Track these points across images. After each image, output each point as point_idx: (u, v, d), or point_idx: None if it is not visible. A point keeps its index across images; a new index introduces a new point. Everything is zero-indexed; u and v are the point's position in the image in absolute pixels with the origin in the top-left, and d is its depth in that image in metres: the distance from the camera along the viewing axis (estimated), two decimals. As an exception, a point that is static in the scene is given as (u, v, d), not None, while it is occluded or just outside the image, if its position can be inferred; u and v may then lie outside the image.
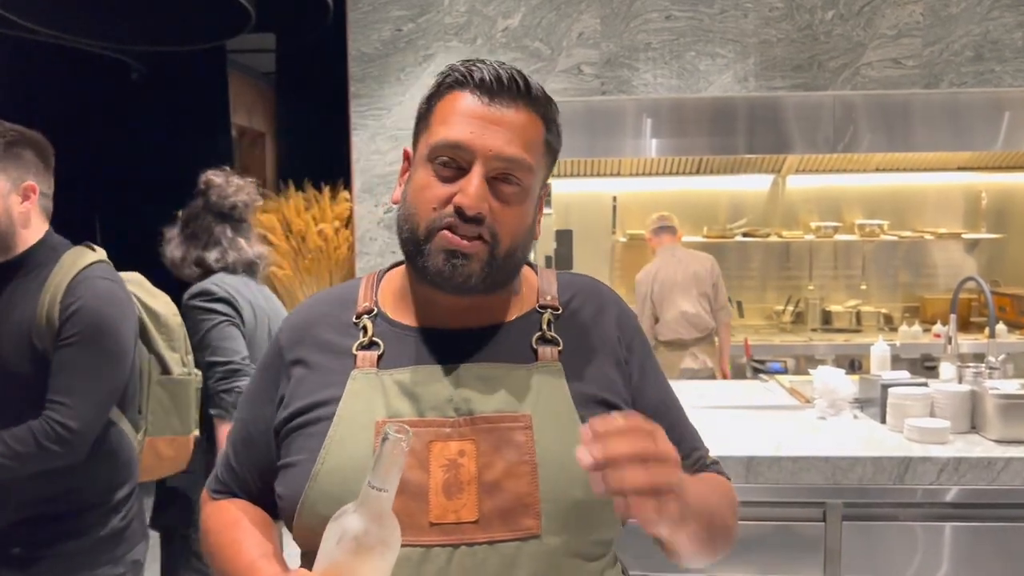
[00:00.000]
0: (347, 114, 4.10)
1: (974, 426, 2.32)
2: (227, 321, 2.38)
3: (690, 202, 4.91)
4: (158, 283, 2.16)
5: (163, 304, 2.08)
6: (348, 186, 4.25)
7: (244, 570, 0.97)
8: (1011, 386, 2.30)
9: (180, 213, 2.54)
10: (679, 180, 4.89)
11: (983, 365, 2.41)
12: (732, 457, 2.11)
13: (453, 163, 0.98)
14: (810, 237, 4.78)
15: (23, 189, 1.71)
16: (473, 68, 0.99)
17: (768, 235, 4.80)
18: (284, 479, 1.01)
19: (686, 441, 1.11)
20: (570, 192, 4.97)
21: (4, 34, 4.20)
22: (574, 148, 3.99)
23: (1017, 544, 2.14)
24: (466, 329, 1.04)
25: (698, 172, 4.82)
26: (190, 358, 2.16)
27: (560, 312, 1.08)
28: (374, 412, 0.98)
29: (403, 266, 1.11)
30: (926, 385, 2.42)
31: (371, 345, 1.03)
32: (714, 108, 4.07)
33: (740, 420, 2.51)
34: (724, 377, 4.22)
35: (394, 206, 4.08)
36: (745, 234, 4.82)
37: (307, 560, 0.97)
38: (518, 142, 0.98)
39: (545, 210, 4.24)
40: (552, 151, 1.07)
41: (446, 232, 0.97)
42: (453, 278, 0.98)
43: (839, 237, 4.75)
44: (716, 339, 4.31)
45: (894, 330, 4.54)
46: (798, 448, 2.19)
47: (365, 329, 1.05)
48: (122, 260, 1.91)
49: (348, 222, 4.30)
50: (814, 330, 4.78)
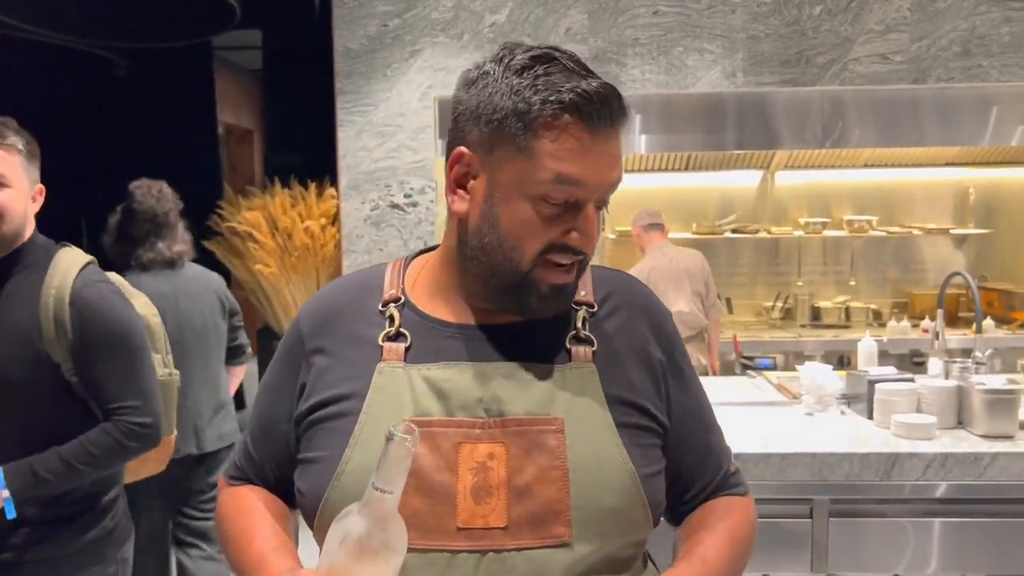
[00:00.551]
0: (333, 110, 4.08)
1: (960, 422, 2.31)
2: None
3: (679, 198, 4.90)
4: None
5: (143, 305, 2.07)
6: (334, 183, 4.22)
7: (255, 562, 0.96)
8: (997, 381, 2.30)
9: (115, 211, 2.97)
10: (668, 176, 4.87)
11: (970, 360, 2.40)
12: (719, 454, 2.10)
13: (563, 200, 0.93)
14: (799, 233, 4.78)
15: (38, 191, 1.76)
16: (583, 92, 0.90)
17: (757, 231, 4.79)
18: (305, 475, 0.98)
19: (712, 458, 1.08)
20: (559, 189, 4.94)
21: (-14, 30, 4.16)
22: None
23: (1004, 539, 2.14)
24: (498, 325, 1.00)
25: (687, 168, 4.81)
26: (170, 358, 2.15)
27: (595, 310, 1.04)
28: (401, 410, 0.94)
29: (431, 255, 1.07)
30: (912, 381, 2.42)
31: (398, 336, 0.99)
32: (703, 104, 4.06)
33: (728, 416, 2.48)
34: (713, 373, 4.22)
35: (381, 204, 3.95)
36: (734, 230, 4.82)
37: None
38: (619, 162, 0.95)
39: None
40: None
41: (552, 269, 0.95)
42: (555, 308, 0.98)
43: (828, 233, 4.76)
44: (706, 336, 4.31)
45: (883, 326, 4.55)
46: (785, 445, 2.18)
47: (392, 319, 1.00)
48: (107, 260, 1.90)
49: (335, 219, 4.28)
50: (803, 326, 4.77)
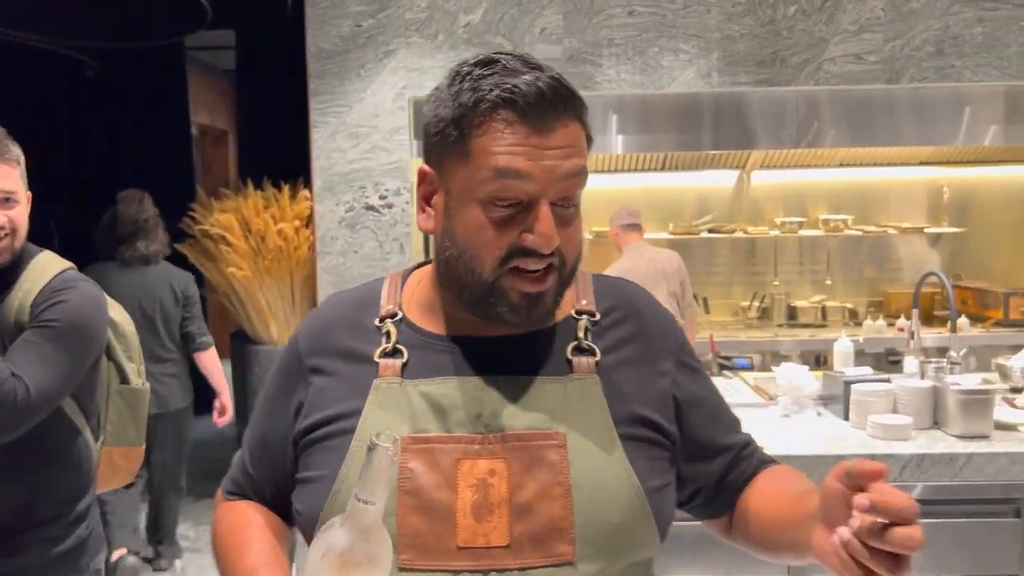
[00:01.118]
0: (307, 111, 4.03)
1: (936, 422, 2.31)
2: None
3: (656, 199, 4.90)
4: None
5: (119, 313, 2.04)
6: (308, 185, 4.17)
7: None
8: (972, 381, 2.30)
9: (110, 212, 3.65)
10: (644, 177, 4.87)
11: (945, 360, 2.40)
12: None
13: (513, 201, 0.89)
14: (775, 233, 4.79)
15: (27, 198, 1.74)
16: (512, 87, 0.86)
17: (733, 231, 4.80)
18: (302, 494, 0.97)
19: (742, 441, 1.11)
20: (536, 189, 4.92)
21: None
22: (538, 145, 3.95)
23: (980, 539, 2.14)
24: (496, 337, 0.97)
25: (663, 168, 4.81)
26: (143, 368, 2.12)
27: (597, 319, 1.00)
28: (398, 427, 0.91)
29: (426, 268, 1.04)
30: (888, 381, 2.42)
31: (395, 352, 0.97)
32: (678, 104, 4.05)
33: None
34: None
35: (356, 205, 3.93)
36: (711, 230, 4.82)
37: None
38: (575, 153, 0.90)
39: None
40: (589, 145, 0.97)
41: (519, 276, 0.90)
42: (531, 318, 0.93)
43: (804, 232, 4.77)
44: (682, 336, 4.30)
45: (859, 325, 4.56)
46: (762, 446, 2.16)
47: (388, 335, 0.98)
48: (80, 264, 1.87)
49: (309, 221, 4.23)
50: (780, 326, 4.78)
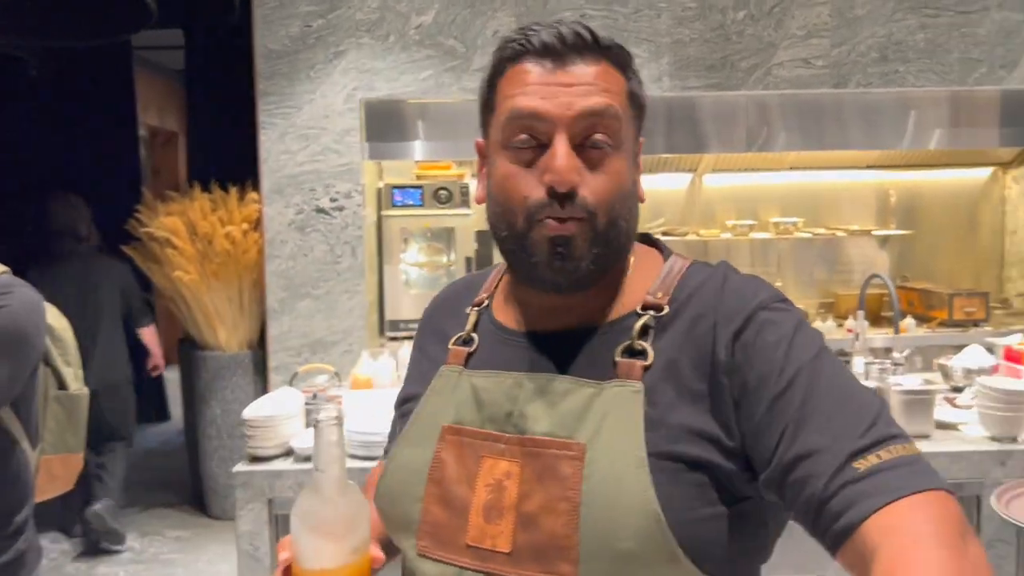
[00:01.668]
0: (255, 113, 3.96)
1: (880, 422, 2.34)
2: None
3: (610, 201, 4.90)
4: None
5: (55, 316, 1.98)
6: (257, 187, 4.10)
7: None
8: (914, 381, 2.33)
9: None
10: (598, 180, 4.87)
11: (888, 361, 2.43)
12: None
13: (532, 141, 0.87)
14: (727, 235, 4.82)
15: None
16: (530, 33, 0.88)
17: (686, 234, 4.82)
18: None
19: (827, 453, 0.77)
20: (490, 192, 4.90)
21: None
22: (490, 147, 3.94)
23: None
24: (557, 332, 0.92)
25: (617, 171, 4.81)
26: (81, 373, 2.06)
27: (663, 314, 0.89)
28: (444, 415, 0.93)
29: None
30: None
31: (468, 340, 0.98)
32: (630, 107, 4.06)
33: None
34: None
35: (306, 208, 3.89)
36: (664, 233, 4.83)
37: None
38: (597, 91, 0.87)
39: (466, 211, 4.10)
40: (638, 104, 0.94)
41: (547, 220, 0.86)
42: (564, 268, 0.86)
43: (755, 235, 4.81)
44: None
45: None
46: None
47: (469, 322, 1.00)
48: (19, 267, 1.81)
49: (257, 224, 4.16)
50: (732, 327, 4.81)
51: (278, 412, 2.30)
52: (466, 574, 0.87)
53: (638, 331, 0.88)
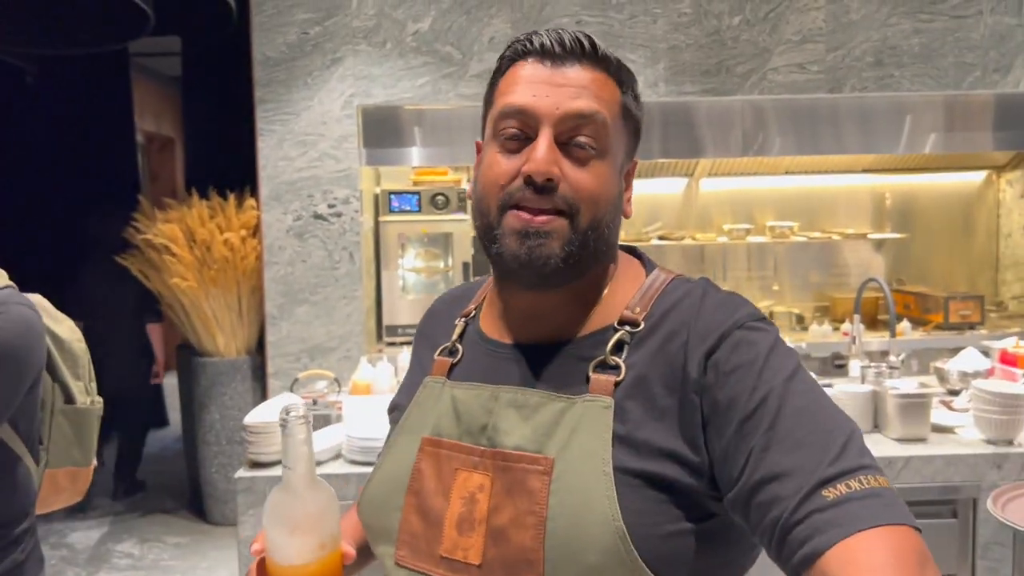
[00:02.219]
0: (253, 119, 3.98)
1: (876, 425, 2.35)
2: None
3: (607, 206, 4.92)
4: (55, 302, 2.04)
5: (67, 329, 1.96)
6: (255, 193, 4.11)
7: None
8: (910, 385, 2.34)
9: None
10: (595, 184, 4.88)
11: (884, 364, 2.45)
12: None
13: (520, 134, 0.89)
14: (723, 240, 4.84)
15: None
16: (534, 36, 0.92)
17: (683, 238, 4.84)
18: None
19: (790, 479, 0.76)
20: (487, 197, 4.91)
21: None
22: (487, 153, 3.96)
23: (918, 540, 2.17)
24: (533, 344, 0.93)
25: (614, 176, 4.82)
26: (93, 386, 2.04)
27: (638, 330, 0.89)
28: (424, 427, 0.95)
29: None
30: (830, 386, 2.45)
31: (452, 351, 1.00)
32: (627, 112, 4.07)
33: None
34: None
35: (304, 214, 3.90)
36: (661, 237, 4.85)
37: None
38: (587, 96, 0.88)
39: (463, 216, 4.11)
40: (632, 119, 0.95)
41: (516, 210, 0.87)
42: (531, 262, 0.86)
43: (751, 239, 4.83)
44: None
45: (805, 329, 4.64)
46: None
47: (455, 332, 1.02)
48: (21, 279, 1.79)
49: (255, 231, 4.16)
50: (729, 331, 4.82)
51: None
52: None
53: (612, 346, 0.88)
